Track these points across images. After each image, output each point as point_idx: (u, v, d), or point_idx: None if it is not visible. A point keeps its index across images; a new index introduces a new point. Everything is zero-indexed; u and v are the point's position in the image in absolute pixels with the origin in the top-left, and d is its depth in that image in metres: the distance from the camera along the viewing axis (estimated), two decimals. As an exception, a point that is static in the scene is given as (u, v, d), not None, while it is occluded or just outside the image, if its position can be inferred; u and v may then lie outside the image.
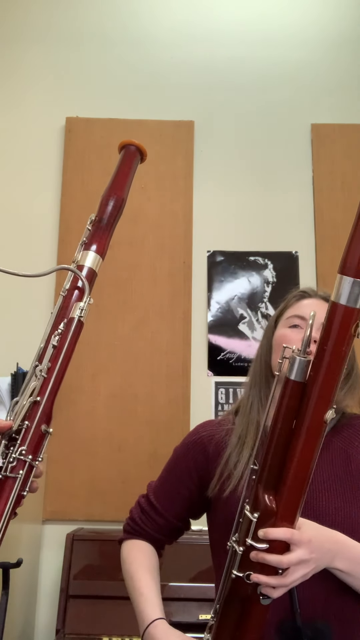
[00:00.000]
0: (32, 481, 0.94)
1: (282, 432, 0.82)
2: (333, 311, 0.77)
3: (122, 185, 1.15)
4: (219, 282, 2.51)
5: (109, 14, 2.78)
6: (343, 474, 1.09)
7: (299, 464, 0.81)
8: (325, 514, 1.04)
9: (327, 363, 0.78)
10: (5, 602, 1.29)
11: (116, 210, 1.13)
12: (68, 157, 2.61)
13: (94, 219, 1.12)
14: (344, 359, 0.78)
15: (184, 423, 2.32)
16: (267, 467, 0.84)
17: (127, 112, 2.65)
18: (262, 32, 2.76)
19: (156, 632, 1.07)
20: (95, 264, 1.09)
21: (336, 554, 0.95)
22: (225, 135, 2.67)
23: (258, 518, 0.83)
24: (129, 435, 2.34)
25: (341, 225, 2.54)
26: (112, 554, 2.03)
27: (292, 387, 0.81)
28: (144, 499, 1.26)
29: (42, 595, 2.24)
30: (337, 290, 0.77)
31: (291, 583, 0.86)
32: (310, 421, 0.80)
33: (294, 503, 0.83)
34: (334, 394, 0.80)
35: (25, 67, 2.73)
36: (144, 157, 1.22)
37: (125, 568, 1.21)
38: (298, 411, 0.81)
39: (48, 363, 0.98)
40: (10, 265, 2.17)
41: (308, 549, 0.86)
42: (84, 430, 2.34)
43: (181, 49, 2.75)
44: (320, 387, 0.79)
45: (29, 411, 0.95)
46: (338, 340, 0.77)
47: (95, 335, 2.42)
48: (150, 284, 2.49)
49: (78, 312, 1.02)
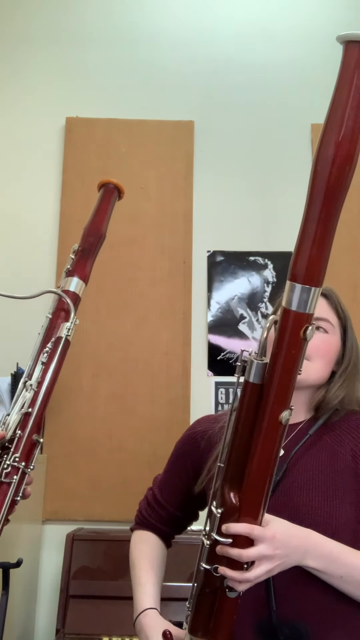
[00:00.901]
0: (24, 488, 1.00)
1: (243, 432, 0.85)
2: (285, 317, 0.80)
3: (102, 220, 1.28)
4: (219, 282, 2.51)
5: (109, 15, 2.78)
6: (329, 472, 1.08)
7: (259, 462, 0.84)
8: (305, 512, 1.03)
9: (281, 366, 0.81)
10: (5, 602, 1.29)
11: (97, 241, 1.26)
12: (68, 157, 2.61)
13: (77, 248, 1.24)
14: (295, 362, 0.81)
15: (184, 423, 2.32)
16: (231, 465, 0.87)
17: (127, 112, 2.65)
18: (262, 32, 2.76)
19: (145, 621, 1.11)
20: (79, 288, 1.20)
21: (307, 552, 0.95)
22: (225, 135, 2.67)
23: (222, 513, 0.86)
24: (129, 435, 2.34)
25: (341, 225, 2.52)
26: (112, 554, 2.04)
27: (251, 388, 0.84)
28: (150, 491, 1.31)
29: (42, 595, 2.24)
30: (288, 297, 0.80)
31: (255, 578, 0.88)
32: (267, 421, 0.83)
33: (256, 500, 0.86)
34: (289, 395, 0.83)
35: (26, 67, 2.73)
36: (121, 194, 1.35)
37: (130, 557, 1.25)
38: (256, 412, 0.84)
39: (38, 378, 1.07)
40: (11, 265, 2.22)
41: (271, 545, 0.88)
42: (84, 430, 2.34)
43: (181, 49, 2.74)
44: (274, 389, 0.82)
45: (21, 422, 1.03)
46: (290, 344, 0.80)
47: (95, 335, 2.42)
48: (150, 284, 2.49)
49: (65, 331, 1.12)
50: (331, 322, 1.17)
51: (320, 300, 1.18)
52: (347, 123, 0.72)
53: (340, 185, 0.75)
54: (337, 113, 0.73)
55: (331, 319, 1.18)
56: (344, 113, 0.72)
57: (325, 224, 0.77)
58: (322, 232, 0.78)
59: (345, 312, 1.21)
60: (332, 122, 0.73)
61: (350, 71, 0.72)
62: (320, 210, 0.76)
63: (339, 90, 0.73)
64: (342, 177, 0.75)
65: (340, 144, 0.73)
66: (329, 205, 0.76)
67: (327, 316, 1.18)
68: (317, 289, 0.79)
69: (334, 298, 1.21)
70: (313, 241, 0.77)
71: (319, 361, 1.14)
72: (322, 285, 0.80)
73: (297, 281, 0.79)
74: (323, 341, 1.15)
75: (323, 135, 0.75)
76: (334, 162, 0.74)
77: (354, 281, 2.48)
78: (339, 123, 0.73)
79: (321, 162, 0.75)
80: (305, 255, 0.78)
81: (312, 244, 0.77)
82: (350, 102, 0.72)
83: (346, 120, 0.72)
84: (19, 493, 0.98)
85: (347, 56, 0.73)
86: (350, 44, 0.72)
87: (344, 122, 0.72)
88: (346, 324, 1.20)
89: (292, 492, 1.06)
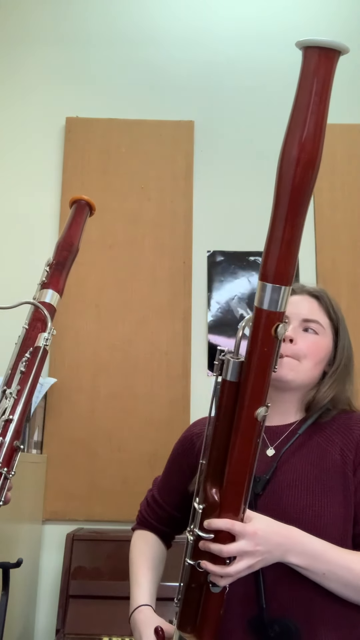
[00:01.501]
0: (4, 494, 1.03)
1: (222, 429, 0.88)
2: (258, 316, 0.83)
3: (75, 234, 1.34)
4: (219, 282, 2.51)
5: (109, 15, 2.78)
6: (317, 471, 1.08)
7: (238, 458, 0.86)
8: (292, 511, 1.04)
9: (255, 363, 0.84)
10: (5, 602, 1.29)
11: (71, 254, 1.32)
12: (68, 157, 2.61)
13: (52, 262, 1.30)
14: (268, 359, 0.83)
15: (184, 423, 2.31)
16: (212, 462, 0.89)
17: (127, 112, 2.65)
18: (262, 32, 2.76)
19: (138, 617, 1.13)
20: (55, 300, 1.24)
21: (288, 549, 0.96)
22: (225, 135, 2.67)
23: (203, 509, 0.89)
24: (129, 435, 2.34)
25: (341, 225, 2.54)
26: (112, 554, 2.04)
27: (228, 386, 0.87)
28: (150, 492, 1.34)
29: (42, 595, 2.24)
30: (259, 296, 0.82)
31: (235, 572, 0.89)
32: (244, 418, 0.85)
33: (236, 496, 0.88)
34: (264, 392, 0.85)
35: (26, 67, 2.73)
36: (92, 210, 1.40)
37: (129, 556, 1.27)
38: (234, 409, 0.87)
39: (17, 386, 1.09)
40: (11, 265, 2.23)
41: (252, 541, 0.90)
42: (84, 430, 2.34)
43: (181, 49, 2.75)
44: (250, 386, 0.84)
45: (2, 429, 1.06)
46: (262, 342, 0.83)
47: (95, 335, 2.42)
48: (150, 284, 2.49)
49: (43, 341, 1.15)
50: (321, 324, 1.18)
51: (311, 302, 1.20)
52: (308, 126, 0.75)
53: (305, 186, 0.78)
54: (299, 117, 0.76)
55: (321, 320, 1.18)
56: (306, 117, 0.75)
57: (292, 225, 0.79)
58: (289, 233, 0.79)
59: (338, 314, 1.21)
60: (295, 126, 0.77)
61: (310, 76, 0.75)
62: (287, 211, 0.78)
63: (299, 94, 0.76)
64: (306, 178, 0.77)
65: (303, 146, 0.76)
66: (295, 206, 0.78)
67: (317, 317, 1.18)
68: (287, 287, 0.81)
69: (325, 299, 1.21)
70: (281, 242, 0.79)
71: (308, 362, 1.15)
72: (292, 283, 0.82)
73: (267, 281, 0.81)
74: (312, 342, 1.16)
75: (286, 138, 0.78)
76: (298, 163, 0.76)
77: (354, 281, 2.48)
78: (301, 126, 0.76)
79: (285, 164, 0.78)
80: (274, 255, 0.80)
81: (280, 245, 0.79)
82: (310, 106, 0.75)
83: (308, 123, 0.75)
84: (1, 498, 1.01)
85: (305, 62, 0.75)
86: (309, 49, 0.75)
87: (305, 125, 0.75)
88: (338, 325, 1.20)
89: (280, 492, 1.07)
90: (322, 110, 0.76)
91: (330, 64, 0.75)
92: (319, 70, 0.74)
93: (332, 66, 0.75)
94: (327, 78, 0.75)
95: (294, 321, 1.18)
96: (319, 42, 0.73)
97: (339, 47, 0.74)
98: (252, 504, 1.06)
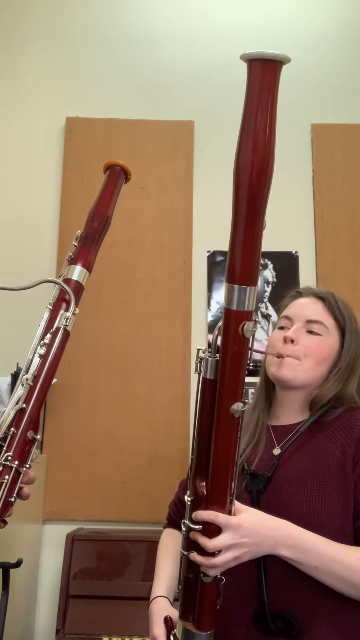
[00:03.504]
0: (21, 487, 0.95)
1: (205, 425, 0.91)
2: (227, 316, 0.86)
3: (107, 203, 1.20)
4: (219, 282, 2.51)
5: (109, 14, 2.78)
6: (317, 468, 1.10)
7: (219, 453, 0.90)
8: (290, 507, 1.06)
9: (228, 361, 0.87)
10: (5, 602, 1.29)
11: (102, 226, 1.17)
12: (68, 157, 2.61)
13: (80, 234, 1.15)
14: (239, 357, 0.87)
15: (184, 423, 2.32)
16: (197, 457, 0.93)
17: (127, 112, 2.65)
18: (262, 31, 2.76)
19: (154, 607, 1.18)
20: (82, 277, 1.12)
21: (278, 542, 0.97)
22: (225, 135, 2.67)
23: (192, 502, 0.92)
24: (129, 435, 2.34)
25: (341, 225, 2.54)
26: (112, 554, 2.04)
27: (206, 384, 0.91)
28: (177, 493, 1.39)
29: (42, 595, 2.24)
30: (228, 298, 0.85)
31: (222, 564, 0.92)
32: (222, 414, 0.88)
33: (221, 488, 0.91)
34: (239, 389, 0.88)
35: (26, 67, 2.73)
36: (128, 176, 1.28)
37: (157, 553, 1.33)
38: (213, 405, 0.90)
39: (34, 372, 1.00)
40: (11, 265, 2.20)
41: (237, 533, 0.92)
42: (84, 430, 2.34)
43: (181, 48, 2.74)
44: (225, 383, 0.88)
45: (15, 419, 0.96)
46: (233, 341, 0.86)
47: (95, 335, 2.42)
48: (150, 284, 2.49)
49: (64, 321, 1.05)
50: (325, 325, 1.20)
51: (316, 303, 1.23)
52: (257, 134, 0.79)
53: (260, 191, 0.81)
54: (249, 126, 0.80)
55: (325, 322, 1.20)
56: (255, 125, 0.79)
57: (251, 229, 0.82)
58: (249, 236, 0.83)
59: (345, 315, 1.23)
60: (245, 135, 0.80)
61: (257, 88, 0.80)
62: (246, 216, 0.82)
63: (247, 105, 0.80)
64: (260, 184, 0.81)
65: (255, 154, 0.79)
66: (252, 211, 0.82)
67: (320, 318, 1.21)
68: (253, 287, 0.84)
69: (330, 301, 1.23)
70: (243, 245, 0.83)
71: (308, 361, 1.18)
72: (257, 284, 0.85)
73: (234, 283, 0.84)
74: (314, 342, 1.19)
75: (238, 147, 0.81)
76: (252, 170, 0.80)
77: (354, 281, 2.48)
78: (252, 134, 0.80)
79: (240, 171, 0.81)
80: (237, 258, 0.84)
81: (242, 248, 0.83)
82: (258, 115, 0.79)
83: (257, 131, 0.79)
84: (13, 493, 0.93)
85: (251, 74, 0.80)
86: (253, 62, 0.80)
87: (256, 133, 0.79)
88: (344, 326, 1.22)
89: (280, 488, 1.09)
90: (270, 118, 0.80)
91: (274, 74, 0.80)
92: (263, 81, 0.79)
93: (276, 76, 0.80)
94: (272, 88, 0.80)
95: (298, 322, 1.21)
96: (262, 55, 0.79)
97: (280, 58, 0.79)
98: (255, 501, 1.09)
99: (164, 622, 1.11)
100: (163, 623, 1.11)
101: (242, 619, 1.05)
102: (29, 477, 0.97)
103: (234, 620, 1.03)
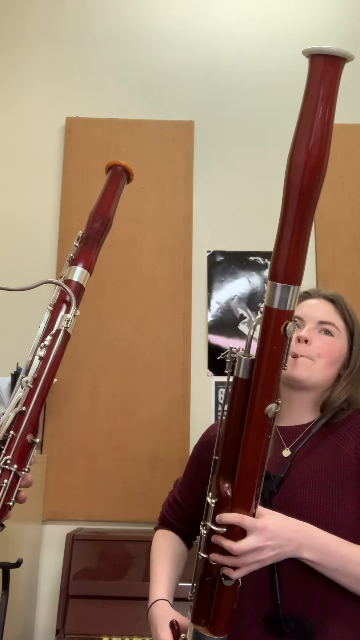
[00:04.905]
0: (18, 491, 0.95)
1: (234, 426, 0.90)
2: (268, 315, 0.85)
3: (109, 204, 1.19)
4: (219, 282, 2.51)
5: (109, 14, 2.78)
6: (331, 469, 1.10)
7: (249, 454, 0.89)
8: (305, 508, 1.06)
9: (265, 361, 0.86)
10: (5, 602, 1.29)
11: (103, 227, 1.16)
12: (68, 157, 2.61)
13: (82, 235, 1.14)
14: (278, 357, 0.86)
15: (184, 423, 2.32)
16: (224, 458, 0.91)
17: (127, 112, 2.65)
18: (262, 32, 2.76)
19: (155, 611, 1.15)
20: (83, 278, 1.11)
21: (301, 544, 0.97)
22: (225, 135, 2.67)
23: (216, 504, 0.91)
24: (129, 435, 2.34)
25: (341, 225, 2.54)
26: (112, 554, 2.04)
27: (240, 384, 0.89)
28: (171, 493, 1.37)
29: (42, 595, 2.24)
30: (270, 296, 0.85)
31: (244, 565, 0.91)
32: (255, 415, 0.87)
33: (248, 491, 0.90)
34: (274, 389, 0.87)
35: (25, 67, 2.73)
36: (130, 177, 1.26)
37: (151, 554, 1.31)
38: (245, 406, 0.89)
39: (34, 374, 0.99)
40: (11, 265, 2.20)
41: (262, 536, 0.91)
42: (84, 430, 2.34)
43: (181, 48, 2.74)
44: (260, 383, 0.87)
45: (15, 422, 0.96)
46: (272, 340, 0.85)
47: (95, 335, 2.42)
48: (150, 284, 2.49)
49: (64, 323, 1.04)
50: (337, 326, 1.22)
51: (327, 305, 1.24)
52: (315, 132, 0.78)
53: (312, 190, 0.81)
54: (307, 122, 0.79)
55: (337, 323, 1.22)
56: (313, 122, 0.78)
57: (300, 227, 0.82)
58: (297, 234, 0.83)
59: (353, 318, 1.25)
60: (302, 131, 0.79)
61: (317, 83, 0.78)
62: (295, 213, 0.82)
63: (307, 100, 0.79)
64: (313, 182, 0.80)
65: (311, 152, 0.79)
66: (303, 209, 0.82)
67: (332, 320, 1.22)
68: (296, 287, 0.84)
69: (340, 303, 1.26)
70: (290, 243, 0.83)
71: (322, 361, 1.18)
72: (300, 283, 0.85)
73: (277, 280, 0.84)
74: (326, 343, 1.19)
75: (294, 143, 0.80)
76: (306, 167, 0.79)
77: (354, 281, 2.48)
78: (309, 132, 0.79)
79: (293, 168, 0.81)
80: (283, 256, 0.83)
81: (289, 246, 0.83)
82: (317, 112, 0.78)
83: (314, 129, 0.78)
84: (12, 497, 0.93)
85: (312, 69, 0.79)
86: (315, 57, 0.79)
87: (312, 131, 0.78)
88: (353, 329, 1.24)
89: (294, 490, 1.09)
90: (329, 116, 0.79)
91: (336, 71, 0.78)
92: (325, 77, 0.78)
93: (338, 73, 0.79)
94: (333, 85, 0.79)
95: (310, 323, 1.22)
96: (325, 50, 0.77)
97: (344, 55, 0.78)
98: (267, 502, 1.08)
99: (170, 627, 1.08)
100: (169, 627, 1.09)
101: (253, 620, 1.04)
102: (27, 480, 0.97)
103: (245, 622, 1.03)
